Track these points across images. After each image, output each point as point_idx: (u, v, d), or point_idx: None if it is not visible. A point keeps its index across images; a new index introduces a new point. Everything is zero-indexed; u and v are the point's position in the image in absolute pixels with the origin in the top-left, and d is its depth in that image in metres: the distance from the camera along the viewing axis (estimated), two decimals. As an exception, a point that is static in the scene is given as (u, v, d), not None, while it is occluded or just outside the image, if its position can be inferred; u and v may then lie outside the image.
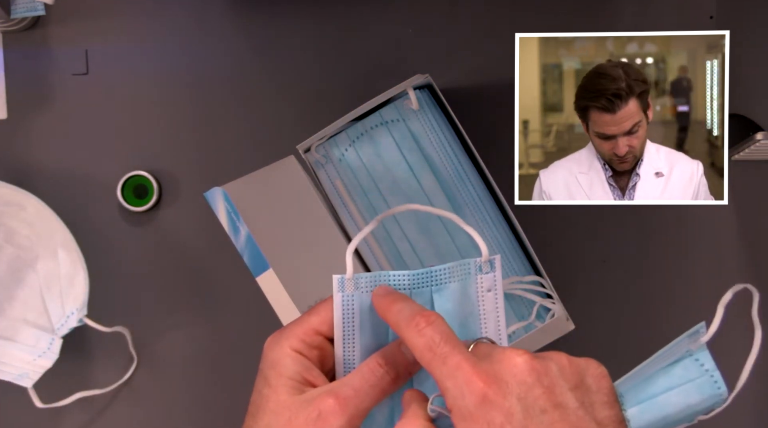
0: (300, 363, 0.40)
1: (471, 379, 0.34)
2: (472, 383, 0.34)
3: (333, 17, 0.72)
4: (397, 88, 0.60)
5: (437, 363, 0.36)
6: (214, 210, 0.53)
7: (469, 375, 0.34)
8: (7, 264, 0.68)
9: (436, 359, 0.36)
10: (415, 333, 0.37)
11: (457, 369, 0.35)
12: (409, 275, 0.42)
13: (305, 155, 0.62)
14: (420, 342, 0.36)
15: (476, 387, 0.34)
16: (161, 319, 0.72)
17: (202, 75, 0.73)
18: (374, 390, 0.39)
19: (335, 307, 0.41)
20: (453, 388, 0.35)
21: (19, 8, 0.70)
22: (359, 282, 0.41)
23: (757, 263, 0.71)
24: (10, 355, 0.66)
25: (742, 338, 0.72)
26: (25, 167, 0.72)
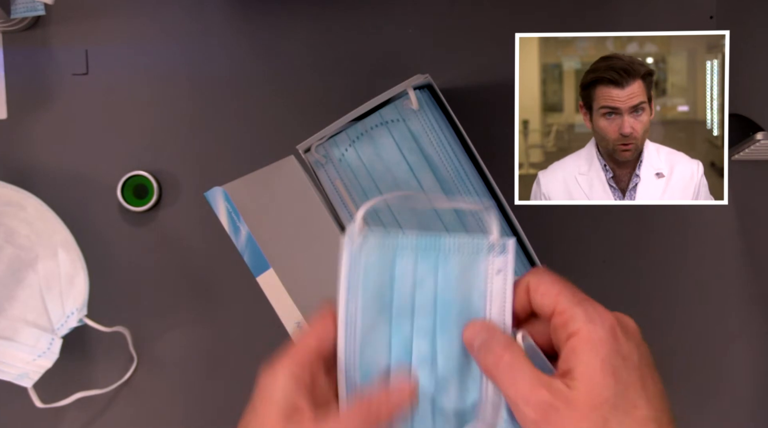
0: (290, 391, 0.40)
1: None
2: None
3: (333, 17, 0.72)
4: (397, 88, 0.60)
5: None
6: (214, 210, 0.53)
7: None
8: (7, 264, 0.68)
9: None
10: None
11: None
12: (416, 237, 0.42)
13: (305, 155, 0.62)
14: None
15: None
16: (161, 319, 0.72)
17: (202, 75, 0.73)
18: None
19: (343, 262, 0.41)
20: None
21: (19, 8, 0.70)
22: (368, 240, 0.41)
23: (757, 263, 0.71)
24: (10, 355, 0.66)
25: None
26: (25, 167, 0.72)
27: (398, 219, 0.62)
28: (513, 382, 0.38)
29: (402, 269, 0.42)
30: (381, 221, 0.62)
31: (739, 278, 0.71)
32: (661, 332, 0.71)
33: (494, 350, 0.39)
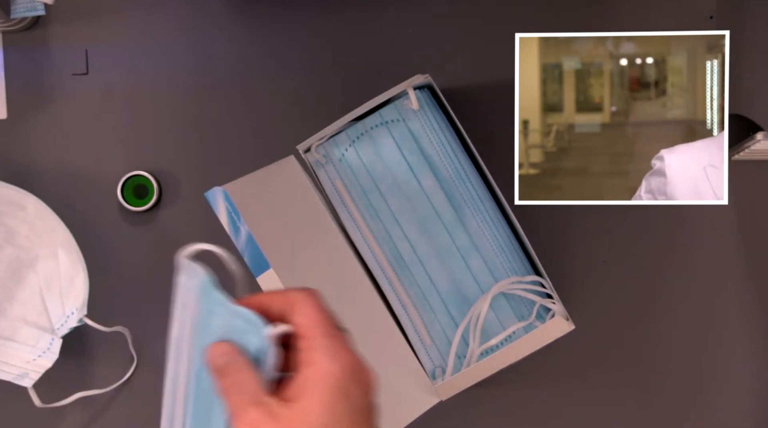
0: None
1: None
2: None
3: (333, 17, 0.72)
4: (397, 88, 0.60)
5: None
6: (214, 210, 0.53)
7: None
8: (7, 264, 0.68)
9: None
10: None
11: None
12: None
13: (305, 155, 0.62)
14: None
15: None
16: (161, 319, 0.71)
17: (202, 75, 0.73)
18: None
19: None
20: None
21: (19, 8, 0.70)
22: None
23: (757, 263, 0.71)
24: (10, 355, 0.66)
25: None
26: (25, 167, 0.72)
27: (398, 219, 0.62)
28: (234, 399, 0.39)
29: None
30: (381, 220, 0.62)
31: (739, 278, 0.71)
32: (660, 332, 0.71)
33: (229, 371, 0.40)
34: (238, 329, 0.41)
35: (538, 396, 0.71)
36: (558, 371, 0.71)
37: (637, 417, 0.71)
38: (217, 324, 0.41)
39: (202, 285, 0.42)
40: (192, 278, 0.42)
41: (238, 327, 0.41)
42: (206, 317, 0.42)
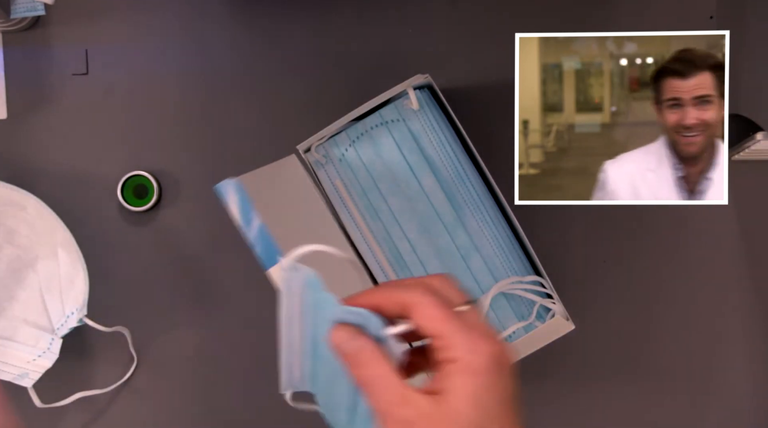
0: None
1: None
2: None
3: (333, 17, 0.72)
4: (397, 88, 0.60)
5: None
6: (224, 202, 0.53)
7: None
8: (7, 264, 0.68)
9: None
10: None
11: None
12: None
13: (305, 154, 0.62)
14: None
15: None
16: (161, 319, 0.72)
17: (202, 75, 0.73)
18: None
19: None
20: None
21: (19, 8, 0.70)
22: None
23: (757, 263, 0.71)
24: (10, 355, 0.66)
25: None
26: (25, 167, 0.72)
27: (398, 219, 0.62)
28: (380, 396, 0.38)
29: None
30: (381, 221, 0.62)
31: (739, 278, 0.71)
32: (660, 332, 0.71)
33: (364, 362, 0.39)
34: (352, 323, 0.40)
35: (538, 396, 0.71)
36: (558, 371, 0.71)
37: (637, 416, 0.71)
38: (327, 319, 0.40)
39: (308, 281, 0.41)
40: (297, 275, 0.41)
41: (352, 322, 0.40)
42: (314, 311, 0.41)
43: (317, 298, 0.41)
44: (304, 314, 0.41)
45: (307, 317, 0.41)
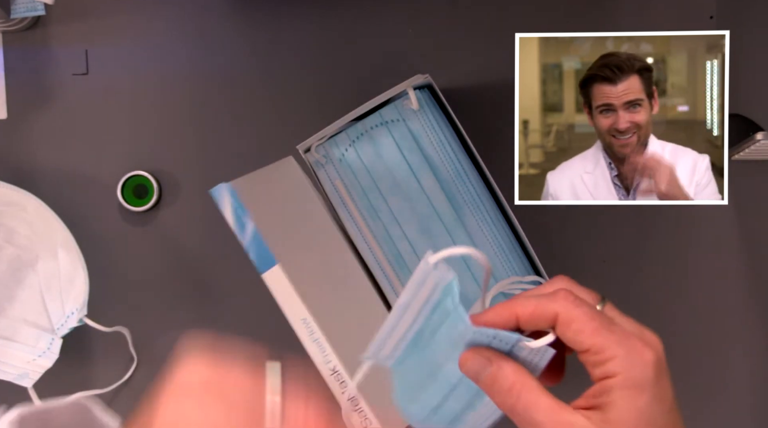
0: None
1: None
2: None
3: (333, 17, 0.72)
4: (397, 88, 0.59)
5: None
6: (219, 206, 0.53)
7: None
8: (7, 264, 0.68)
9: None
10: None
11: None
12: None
13: (305, 155, 0.62)
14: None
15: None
16: (161, 319, 0.72)
17: (202, 75, 0.73)
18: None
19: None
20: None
21: (19, 8, 0.70)
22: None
23: (757, 263, 0.71)
24: (10, 355, 0.66)
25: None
26: (25, 167, 0.72)
27: (398, 219, 0.62)
28: (532, 421, 0.36)
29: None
30: (381, 220, 0.62)
31: (739, 278, 0.71)
32: (660, 331, 0.71)
33: (506, 388, 0.37)
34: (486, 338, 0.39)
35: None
36: (558, 371, 0.71)
37: (637, 417, 0.71)
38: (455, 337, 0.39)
39: (447, 284, 0.39)
40: (436, 273, 0.39)
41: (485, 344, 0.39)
42: (437, 314, 0.40)
43: (446, 305, 0.39)
44: (423, 309, 0.40)
45: (425, 312, 0.40)
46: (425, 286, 0.39)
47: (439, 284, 0.39)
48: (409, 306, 0.40)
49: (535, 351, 0.38)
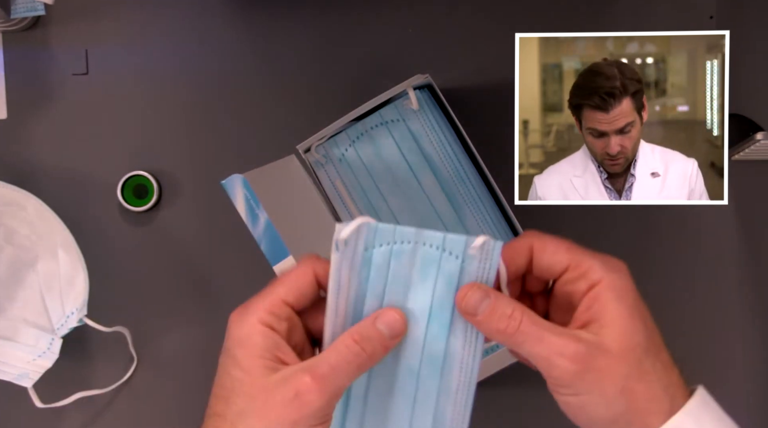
0: (270, 339, 0.38)
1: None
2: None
3: (333, 17, 0.72)
4: (397, 88, 0.60)
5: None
6: (231, 197, 0.53)
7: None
8: (7, 264, 0.68)
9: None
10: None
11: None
12: (413, 244, 0.40)
13: (305, 155, 0.62)
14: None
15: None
16: (161, 319, 0.72)
17: (202, 75, 0.73)
18: (350, 366, 0.38)
19: (332, 267, 0.39)
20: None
21: (19, 8, 0.70)
22: (358, 238, 0.39)
23: (757, 263, 0.71)
24: (10, 355, 0.66)
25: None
26: (25, 167, 0.72)
27: (398, 219, 0.62)
28: (540, 340, 0.38)
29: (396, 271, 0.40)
30: (381, 220, 0.62)
31: (739, 278, 0.71)
32: (660, 331, 0.71)
33: (507, 314, 0.38)
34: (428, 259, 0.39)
35: (538, 396, 0.71)
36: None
37: (637, 417, 0.71)
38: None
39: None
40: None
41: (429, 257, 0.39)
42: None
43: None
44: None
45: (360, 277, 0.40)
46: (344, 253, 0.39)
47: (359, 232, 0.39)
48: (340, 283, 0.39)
49: (484, 254, 0.39)
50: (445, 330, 0.40)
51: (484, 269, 0.39)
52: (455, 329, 0.40)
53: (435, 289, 0.40)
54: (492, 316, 0.38)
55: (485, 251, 0.39)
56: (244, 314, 0.40)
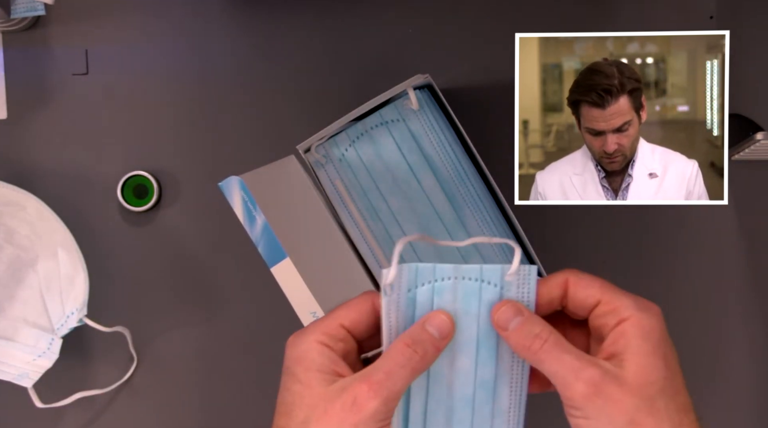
0: (326, 356, 0.41)
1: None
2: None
3: (333, 17, 0.72)
4: (397, 88, 0.59)
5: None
6: (228, 199, 0.53)
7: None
8: (7, 264, 0.68)
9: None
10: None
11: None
12: (453, 281, 0.42)
13: (305, 155, 0.62)
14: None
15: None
16: (161, 319, 0.72)
17: (202, 75, 0.73)
18: (404, 370, 0.40)
19: (382, 311, 0.41)
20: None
21: (19, 8, 0.70)
22: (401, 282, 0.42)
23: (757, 263, 0.71)
24: (10, 355, 0.66)
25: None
26: (25, 167, 0.72)
27: (398, 219, 0.62)
28: (560, 360, 0.39)
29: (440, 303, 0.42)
30: (381, 221, 0.62)
31: (739, 278, 0.71)
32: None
33: (535, 332, 0.40)
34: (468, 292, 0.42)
35: (538, 396, 0.71)
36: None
37: (637, 417, 0.71)
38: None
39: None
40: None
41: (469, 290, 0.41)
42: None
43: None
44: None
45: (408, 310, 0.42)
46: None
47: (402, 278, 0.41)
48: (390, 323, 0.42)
49: (521, 280, 0.41)
50: (494, 354, 0.42)
51: (522, 293, 0.42)
52: (502, 352, 0.42)
53: (479, 318, 0.42)
54: (521, 332, 0.41)
55: (521, 276, 0.42)
56: (302, 335, 0.42)
